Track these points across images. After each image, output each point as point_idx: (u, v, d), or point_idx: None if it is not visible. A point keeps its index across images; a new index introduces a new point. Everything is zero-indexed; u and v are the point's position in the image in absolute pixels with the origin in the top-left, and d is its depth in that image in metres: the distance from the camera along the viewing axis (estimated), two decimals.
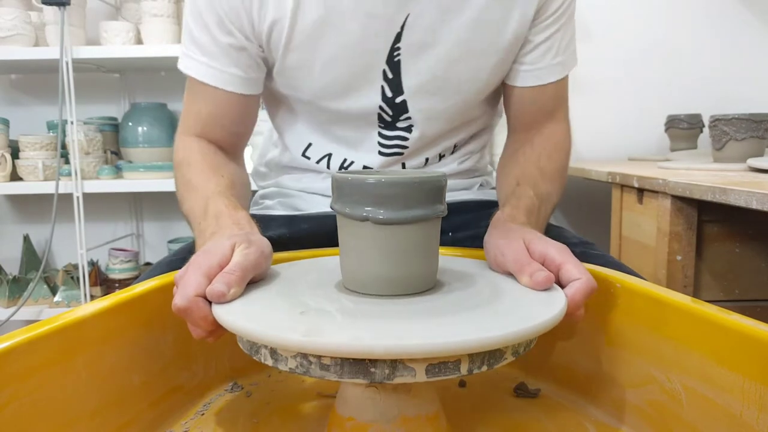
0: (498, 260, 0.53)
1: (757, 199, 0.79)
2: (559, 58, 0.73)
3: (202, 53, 0.70)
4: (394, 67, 0.70)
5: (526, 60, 0.73)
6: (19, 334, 0.40)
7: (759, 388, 0.37)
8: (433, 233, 0.47)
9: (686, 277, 1.10)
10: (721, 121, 1.21)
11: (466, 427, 0.52)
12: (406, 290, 0.46)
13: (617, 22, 1.91)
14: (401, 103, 0.73)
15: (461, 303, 0.44)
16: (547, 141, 0.76)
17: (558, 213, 2.00)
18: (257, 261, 0.49)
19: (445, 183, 0.47)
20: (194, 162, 0.71)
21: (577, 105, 1.92)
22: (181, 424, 0.53)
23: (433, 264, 0.48)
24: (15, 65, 1.87)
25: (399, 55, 0.69)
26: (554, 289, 0.47)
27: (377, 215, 0.43)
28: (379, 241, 0.44)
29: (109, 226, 2.07)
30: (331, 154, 0.79)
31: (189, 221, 0.66)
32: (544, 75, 0.73)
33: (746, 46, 1.90)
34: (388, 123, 0.75)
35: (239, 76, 0.70)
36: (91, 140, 1.77)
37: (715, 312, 0.42)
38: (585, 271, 0.48)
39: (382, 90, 0.71)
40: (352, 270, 0.47)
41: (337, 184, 0.46)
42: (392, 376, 0.38)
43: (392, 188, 0.43)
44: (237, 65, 0.70)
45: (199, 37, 0.70)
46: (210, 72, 0.70)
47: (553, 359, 0.59)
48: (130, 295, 0.51)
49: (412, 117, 0.74)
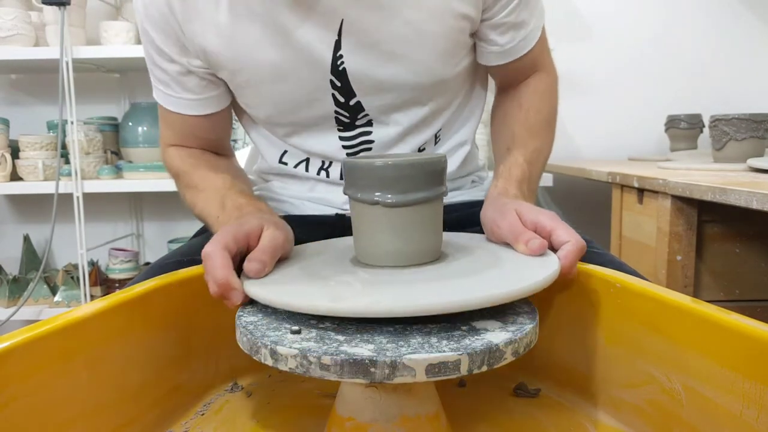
0: (495, 232, 0.57)
1: (757, 199, 0.79)
2: (531, 25, 0.73)
3: (158, 82, 0.74)
4: (340, 75, 0.69)
5: (503, 41, 0.72)
6: (19, 334, 0.40)
7: (759, 388, 0.37)
8: (436, 211, 0.51)
9: (686, 277, 1.10)
10: (721, 121, 1.21)
11: (466, 427, 0.52)
12: (415, 261, 0.50)
13: (617, 22, 1.91)
14: (356, 104, 0.72)
15: (465, 269, 0.49)
16: (533, 93, 0.77)
17: (558, 213, 1.99)
18: (284, 243, 0.54)
19: (445, 164, 0.52)
20: (191, 167, 0.74)
21: (577, 105, 1.92)
22: (181, 424, 0.53)
23: (438, 238, 0.52)
24: (15, 65, 1.87)
25: (343, 63, 0.68)
26: (548, 254, 0.51)
27: (386, 199, 0.48)
28: (390, 221, 0.49)
29: (109, 226, 2.07)
30: (308, 159, 0.79)
31: (206, 220, 0.69)
32: (522, 47, 0.74)
33: (746, 46, 1.90)
34: (347, 124, 0.74)
35: (194, 99, 0.73)
36: (91, 140, 1.77)
37: (715, 312, 0.42)
38: (574, 234, 0.53)
39: (334, 97, 0.71)
40: (366, 246, 0.51)
41: (347, 169, 0.51)
42: (392, 376, 0.38)
43: (397, 170, 0.48)
44: (190, 90, 0.73)
45: (151, 68, 0.74)
46: (167, 99, 0.75)
47: (553, 359, 0.59)
48: (130, 295, 0.51)
49: (370, 114, 0.73)
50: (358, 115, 0.73)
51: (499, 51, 0.74)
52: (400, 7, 0.65)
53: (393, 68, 0.69)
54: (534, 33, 0.74)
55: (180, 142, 0.78)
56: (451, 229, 0.76)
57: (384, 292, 0.44)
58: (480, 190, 0.87)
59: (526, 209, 0.57)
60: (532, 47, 0.74)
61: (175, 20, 0.67)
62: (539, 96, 0.77)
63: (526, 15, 0.72)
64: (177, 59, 0.70)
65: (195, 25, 0.67)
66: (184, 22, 0.67)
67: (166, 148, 0.78)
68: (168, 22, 0.67)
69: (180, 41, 0.69)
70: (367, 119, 0.74)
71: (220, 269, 0.47)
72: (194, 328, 0.57)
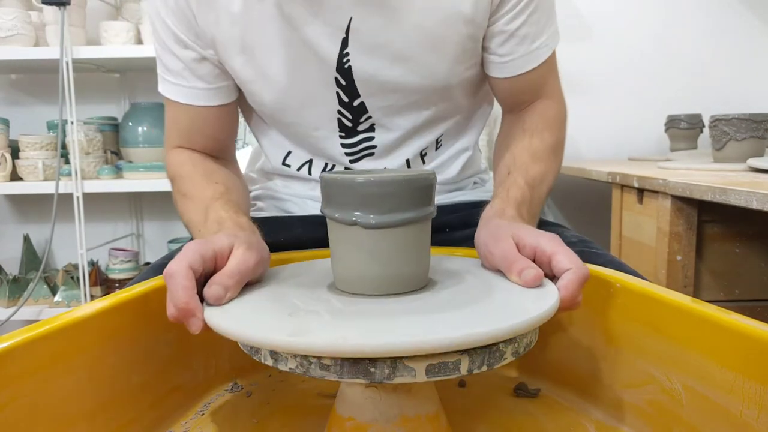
0: (488, 258, 0.53)
1: (757, 199, 0.79)
2: (538, 43, 0.71)
3: (168, 73, 0.73)
4: (345, 73, 0.68)
5: (503, 51, 0.70)
6: (19, 334, 0.40)
7: (759, 388, 0.37)
8: (423, 234, 0.47)
9: (686, 277, 1.10)
10: (721, 121, 1.21)
11: (466, 427, 0.52)
12: (396, 289, 0.46)
13: (617, 22, 1.91)
14: (359, 105, 0.71)
15: (451, 301, 0.44)
16: (539, 119, 0.74)
17: (558, 213, 2.00)
18: (255, 266, 0.49)
19: (434, 181, 0.47)
20: (186, 174, 0.72)
21: (577, 105, 1.92)
22: (181, 424, 0.53)
23: (424, 263, 0.48)
24: (15, 65, 1.87)
25: (349, 61, 0.68)
26: (546, 284, 0.47)
27: (367, 220, 0.43)
28: (370, 245, 0.44)
29: (109, 226, 2.07)
30: (311, 161, 0.79)
31: (190, 231, 0.67)
32: (523, 63, 0.71)
33: (746, 46, 1.90)
34: (350, 129, 0.74)
35: (205, 88, 0.72)
36: (91, 140, 1.77)
37: (715, 312, 0.42)
38: (576, 260, 0.48)
39: (338, 96, 0.70)
40: (343, 271, 0.47)
41: (324, 186, 0.46)
42: (392, 376, 0.38)
43: (380, 187, 0.43)
44: (201, 78, 0.72)
45: (162, 56, 0.72)
46: (177, 90, 0.73)
47: (553, 359, 0.59)
48: (130, 295, 0.51)
49: (373, 116, 0.73)
50: (360, 118, 0.73)
51: (498, 62, 0.72)
52: (409, 9, 0.65)
53: (398, 70, 0.68)
54: (540, 52, 0.71)
55: (185, 143, 0.76)
56: (455, 229, 0.77)
57: (354, 325, 0.39)
58: (483, 191, 0.86)
59: (524, 232, 0.52)
60: (535, 67, 0.71)
61: (189, 11, 0.68)
62: (545, 122, 0.74)
63: (532, 30, 0.69)
64: (192, 45, 0.70)
65: (209, 16, 0.67)
66: (199, 13, 0.67)
67: (170, 150, 0.77)
68: (183, 11, 0.68)
69: (194, 30, 0.69)
70: (369, 123, 0.74)
71: (181, 291, 0.44)
72: None
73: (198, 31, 0.69)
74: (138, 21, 1.76)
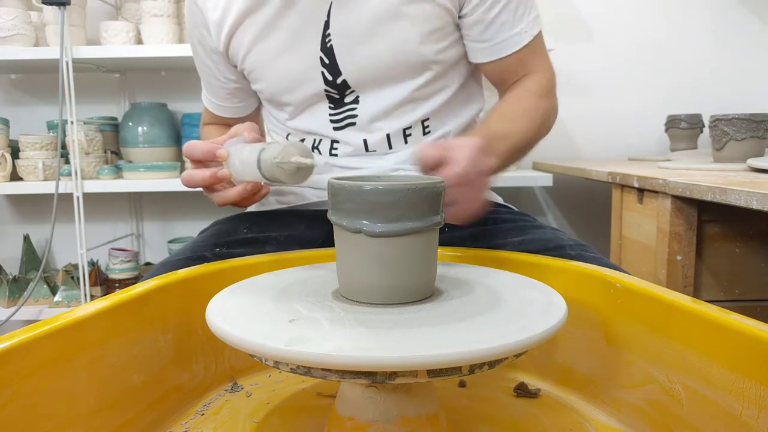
0: None
1: (757, 199, 0.79)
2: (518, 29, 0.77)
3: (205, 87, 0.91)
4: (328, 52, 0.75)
5: (484, 37, 0.77)
6: (19, 334, 0.40)
7: (759, 388, 0.37)
8: (430, 243, 0.46)
9: (686, 277, 1.10)
10: (721, 121, 1.21)
11: (466, 427, 0.52)
12: (401, 299, 0.45)
13: (617, 23, 1.91)
14: (342, 83, 0.77)
15: (457, 312, 0.43)
16: (517, 88, 0.80)
17: (558, 213, 2.00)
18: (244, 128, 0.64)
19: (443, 189, 0.46)
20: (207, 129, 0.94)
21: (577, 105, 1.92)
22: (181, 424, 0.53)
23: (430, 273, 0.47)
24: (15, 65, 1.87)
25: (330, 41, 0.75)
26: (554, 302, 0.45)
27: (373, 228, 0.43)
28: (377, 253, 0.44)
29: (109, 226, 2.06)
30: (303, 140, 0.84)
31: None
32: (504, 47, 0.78)
33: (746, 46, 1.90)
34: (337, 101, 0.80)
35: (234, 107, 0.90)
36: (92, 140, 1.77)
37: (715, 312, 0.42)
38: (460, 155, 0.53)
39: (323, 75, 0.77)
40: (348, 278, 0.46)
41: (331, 192, 0.46)
42: (393, 377, 0.38)
43: (387, 195, 0.43)
44: (233, 96, 0.89)
45: (199, 68, 0.88)
46: (210, 104, 0.92)
47: (553, 359, 0.59)
48: (130, 295, 0.51)
49: (356, 90, 0.78)
50: (345, 92, 0.79)
51: (480, 48, 0.78)
52: None
53: (374, 46, 0.74)
54: (520, 38, 0.77)
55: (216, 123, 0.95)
56: (455, 227, 0.76)
57: (353, 336, 0.38)
58: None
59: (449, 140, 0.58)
60: (516, 50, 0.78)
61: (197, 7, 0.79)
62: (522, 90, 0.79)
63: (509, 17, 0.76)
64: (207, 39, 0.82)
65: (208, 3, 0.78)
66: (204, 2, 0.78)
67: (204, 125, 0.96)
68: (192, 10, 0.80)
69: (206, 24, 0.80)
70: (354, 96, 0.79)
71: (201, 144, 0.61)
72: (194, 328, 0.57)
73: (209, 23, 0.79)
74: (138, 21, 1.76)
